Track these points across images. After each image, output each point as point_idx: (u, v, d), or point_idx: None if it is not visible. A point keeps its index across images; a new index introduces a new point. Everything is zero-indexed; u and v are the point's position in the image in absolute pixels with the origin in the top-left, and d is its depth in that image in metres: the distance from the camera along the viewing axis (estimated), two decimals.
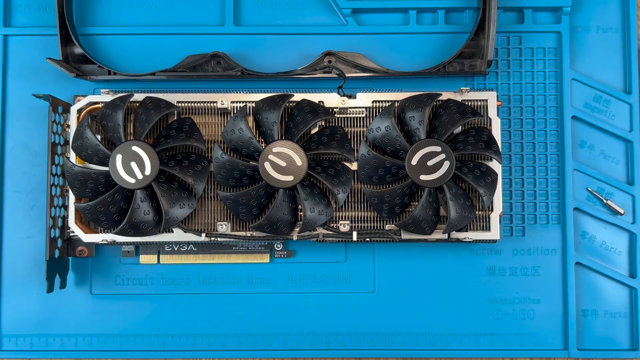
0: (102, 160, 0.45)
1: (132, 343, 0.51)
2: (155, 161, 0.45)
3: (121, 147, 0.45)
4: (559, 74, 0.52)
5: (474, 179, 0.45)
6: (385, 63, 0.52)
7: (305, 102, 0.47)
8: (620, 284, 0.51)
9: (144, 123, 0.45)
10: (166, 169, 0.45)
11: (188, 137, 0.45)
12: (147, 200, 0.45)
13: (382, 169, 0.46)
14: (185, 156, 0.46)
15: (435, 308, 0.51)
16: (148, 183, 0.45)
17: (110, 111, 0.46)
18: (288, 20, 0.53)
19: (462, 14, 0.53)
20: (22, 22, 0.53)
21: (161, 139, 0.46)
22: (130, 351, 0.51)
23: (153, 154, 0.45)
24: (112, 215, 0.45)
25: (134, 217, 0.45)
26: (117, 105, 0.45)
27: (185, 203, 0.46)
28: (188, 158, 0.46)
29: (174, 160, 0.46)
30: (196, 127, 0.46)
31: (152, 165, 0.45)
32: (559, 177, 0.52)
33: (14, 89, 0.52)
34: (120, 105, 0.45)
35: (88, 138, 0.45)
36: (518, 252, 0.51)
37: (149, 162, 0.45)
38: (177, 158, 0.46)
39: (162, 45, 0.52)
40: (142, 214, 0.45)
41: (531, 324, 0.51)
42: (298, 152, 0.45)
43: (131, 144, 0.45)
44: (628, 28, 0.52)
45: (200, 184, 0.45)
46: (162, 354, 0.51)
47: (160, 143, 0.45)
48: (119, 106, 0.45)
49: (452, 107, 0.46)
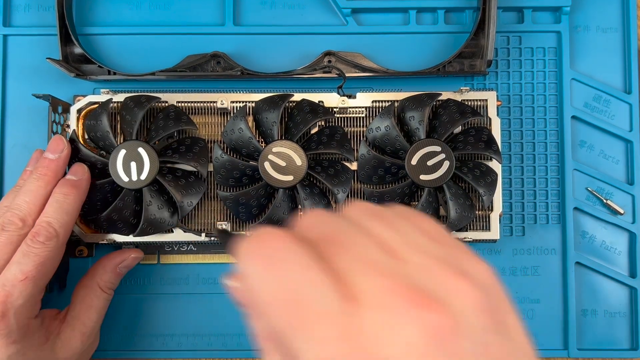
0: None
1: (132, 343, 0.51)
2: (153, 155, 0.45)
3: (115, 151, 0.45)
4: (559, 74, 0.52)
5: (473, 178, 0.45)
6: (385, 63, 0.52)
7: (305, 102, 0.47)
8: (620, 284, 0.51)
9: (130, 122, 0.45)
10: (166, 159, 0.45)
11: (177, 123, 0.45)
12: (156, 196, 0.45)
13: (382, 169, 0.46)
14: (181, 141, 0.46)
15: None
16: (153, 178, 0.45)
17: (95, 121, 0.46)
18: (288, 20, 0.53)
19: (462, 13, 0.53)
20: (22, 22, 0.53)
21: (152, 132, 0.46)
22: (130, 351, 0.51)
23: (149, 148, 0.45)
24: (128, 220, 0.46)
25: (149, 214, 0.45)
26: (99, 114, 0.46)
27: (194, 187, 0.46)
28: (183, 143, 0.46)
29: (170, 149, 0.46)
30: (182, 111, 0.47)
31: (151, 160, 0.45)
32: (559, 176, 0.52)
33: (14, 88, 0.52)
34: (102, 112, 0.46)
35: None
36: (518, 252, 0.51)
37: (147, 158, 0.45)
38: (173, 147, 0.46)
39: (162, 45, 0.52)
40: (156, 210, 0.45)
41: (531, 323, 0.51)
42: (298, 152, 0.45)
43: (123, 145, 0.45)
44: (628, 28, 0.52)
45: (203, 167, 0.45)
46: (161, 353, 0.51)
47: (152, 136, 0.45)
48: (101, 114, 0.46)
49: (452, 106, 0.46)
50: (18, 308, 0.40)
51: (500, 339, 0.20)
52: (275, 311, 0.20)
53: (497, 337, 0.20)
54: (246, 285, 0.21)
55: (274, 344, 0.22)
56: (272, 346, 0.21)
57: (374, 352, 0.18)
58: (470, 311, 0.20)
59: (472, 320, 0.19)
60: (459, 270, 0.21)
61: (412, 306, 0.18)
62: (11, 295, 0.39)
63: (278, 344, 0.21)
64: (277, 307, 0.20)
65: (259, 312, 0.21)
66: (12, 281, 0.40)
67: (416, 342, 0.18)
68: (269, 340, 0.22)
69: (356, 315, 0.18)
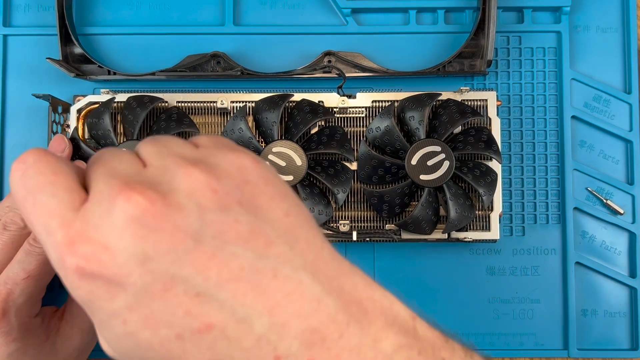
0: None
1: None
2: None
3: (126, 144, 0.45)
4: (559, 74, 0.52)
5: (473, 178, 0.45)
6: (385, 63, 0.52)
7: (305, 102, 0.47)
8: (620, 284, 0.51)
9: (132, 122, 0.45)
10: None
11: (179, 125, 0.46)
12: None
13: (382, 169, 0.46)
14: None
15: (434, 308, 0.51)
16: None
17: (97, 119, 0.46)
18: (288, 20, 0.53)
19: (462, 13, 0.53)
20: (22, 22, 0.53)
21: (153, 133, 0.46)
22: None
23: None
24: None
25: None
26: (101, 112, 0.46)
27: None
28: None
29: None
30: (185, 113, 0.47)
31: None
32: (559, 176, 0.52)
33: (14, 88, 0.52)
34: (104, 111, 0.46)
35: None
36: (518, 252, 0.51)
37: None
38: None
39: (162, 45, 0.52)
40: None
41: (531, 323, 0.51)
42: (298, 152, 0.45)
43: (124, 145, 0.45)
44: (628, 28, 0.52)
45: None
46: None
47: None
48: (103, 112, 0.46)
49: (452, 106, 0.46)
50: (19, 306, 0.40)
51: (247, 218, 0.23)
52: (22, 209, 0.24)
53: (240, 216, 0.22)
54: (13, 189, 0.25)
55: None
56: None
57: (93, 236, 0.21)
58: (198, 194, 0.22)
59: (198, 201, 0.22)
60: (195, 163, 0.23)
61: (123, 196, 0.22)
62: (12, 294, 0.39)
63: None
64: (22, 205, 0.24)
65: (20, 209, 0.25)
66: (13, 279, 0.40)
67: (122, 224, 0.21)
68: None
69: (81, 209, 0.22)
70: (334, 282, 0.24)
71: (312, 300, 0.23)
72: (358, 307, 0.24)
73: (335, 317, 0.23)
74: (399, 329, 0.25)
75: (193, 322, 0.22)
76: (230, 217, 0.22)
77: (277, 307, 0.22)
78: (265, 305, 0.22)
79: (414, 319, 0.26)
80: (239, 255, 0.22)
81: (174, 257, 0.21)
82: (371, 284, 0.25)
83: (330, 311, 0.23)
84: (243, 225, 0.22)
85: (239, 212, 0.23)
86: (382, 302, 0.25)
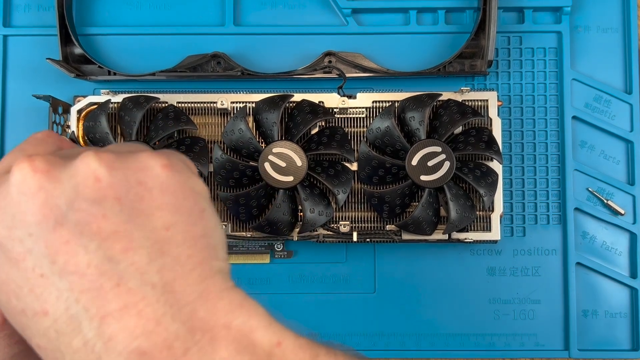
0: None
1: None
2: None
3: None
4: (559, 74, 0.52)
5: (474, 179, 0.45)
6: (385, 63, 0.51)
7: (305, 103, 0.47)
8: (620, 285, 0.51)
9: (129, 123, 0.45)
10: None
11: (177, 123, 0.45)
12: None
13: (383, 170, 0.46)
14: (180, 141, 0.46)
15: (435, 308, 0.51)
16: None
17: (93, 122, 0.46)
18: (288, 21, 0.53)
19: (462, 14, 0.52)
20: (22, 22, 0.53)
21: (151, 133, 0.46)
22: None
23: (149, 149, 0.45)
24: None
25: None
26: (98, 115, 0.46)
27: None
28: (183, 143, 0.46)
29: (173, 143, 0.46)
30: (181, 111, 0.47)
31: None
32: (560, 177, 0.51)
33: (14, 89, 0.52)
34: (101, 113, 0.46)
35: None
36: (518, 253, 0.51)
37: None
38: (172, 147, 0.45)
39: (162, 45, 0.52)
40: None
41: (531, 324, 0.51)
42: (298, 152, 0.45)
43: None
44: (628, 28, 0.52)
45: (203, 167, 0.45)
46: None
47: (152, 137, 0.45)
48: (100, 115, 0.46)
49: (453, 107, 0.46)
50: None
51: (118, 218, 0.22)
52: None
53: (111, 213, 0.22)
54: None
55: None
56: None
57: None
58: (81, 177, 0.22)
59: (77, 185, 0.22)
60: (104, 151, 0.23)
61: (16, 164, 0.22)
62: None
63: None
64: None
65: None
66: None
67: (7, 188, 0.22)
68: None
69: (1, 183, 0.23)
70: (187, 306, 0.22)
71: (150, 320, 0.21)
72: (205, 334, 0.22)
73: (172, 343, 0.21)
74: (250, 357, 0.22)
75: (34, 303, 0.21)
76: (100, 210, 0.22)
77: (109, 317, 0.21)
78: (99, 311, 0.21)
79: (279, 345, 0.23)
80: (90, 251, 0.21)
81: (33, 231, 0.21)
82: (238, 311, 0.23)
83: (168, 336, 0.21)
84: (109, 222, 0.22)
85: (112, 208, 0.22)
86: (242, 330, 0.22)
